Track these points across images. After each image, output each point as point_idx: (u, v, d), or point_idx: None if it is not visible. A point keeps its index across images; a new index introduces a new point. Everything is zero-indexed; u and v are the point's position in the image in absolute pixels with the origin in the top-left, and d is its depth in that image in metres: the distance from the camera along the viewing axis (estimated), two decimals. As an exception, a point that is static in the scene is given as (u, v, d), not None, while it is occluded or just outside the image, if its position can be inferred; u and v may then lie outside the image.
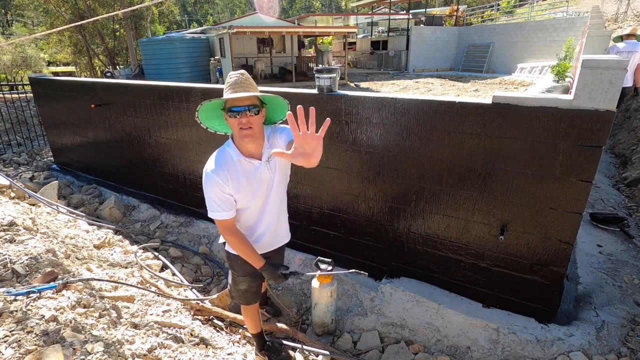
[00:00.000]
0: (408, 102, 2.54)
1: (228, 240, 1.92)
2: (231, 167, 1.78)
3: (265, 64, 16.56)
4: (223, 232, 1.89)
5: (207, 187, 1.78)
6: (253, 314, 2.40)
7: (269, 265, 1.98)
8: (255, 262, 1.95)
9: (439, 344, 2.64)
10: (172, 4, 31.18)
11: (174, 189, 4.45)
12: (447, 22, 20.99)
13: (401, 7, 27.34)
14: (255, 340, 2.52)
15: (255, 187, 1.87)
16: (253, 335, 2.51)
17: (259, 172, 1.85)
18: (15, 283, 2.16)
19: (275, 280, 2.00)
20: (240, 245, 1.91)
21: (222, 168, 1.76)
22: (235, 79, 1.73)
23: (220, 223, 1.86)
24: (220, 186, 1.76)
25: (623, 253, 3.21)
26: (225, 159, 1.79)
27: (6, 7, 36.36)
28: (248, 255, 1.93)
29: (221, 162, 1.78)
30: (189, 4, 55.55)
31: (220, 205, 1.80)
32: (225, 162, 1.78)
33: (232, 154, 1.80)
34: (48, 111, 5.87)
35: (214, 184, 1.75)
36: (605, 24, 9.11)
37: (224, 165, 1.77)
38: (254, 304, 2.34)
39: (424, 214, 2.72)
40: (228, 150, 1.81)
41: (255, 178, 1.86)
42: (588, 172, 2.08)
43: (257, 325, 2.46)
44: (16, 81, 8.83)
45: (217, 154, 1.82)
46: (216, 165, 1.77)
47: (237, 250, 1.94)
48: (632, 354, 2.23)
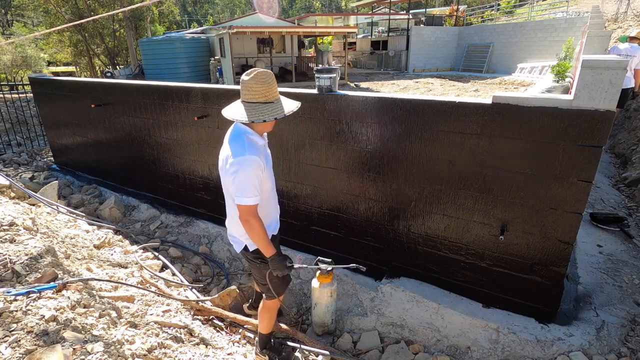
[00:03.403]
0: (408, 102, 2.54)
1: (253, 225, 1.92)
2: (261, 150, 1.96)
3: (265, 64, 16.53)
4: (249, 217, 1.91)
5: (249, 170, 1.85)
6: (276, 310, 2.46)
7: (278, 254, 2.05)
8: (268, 250, 2.02)
9: (439, 344, 2.64)
10: (172, 4, 31.18)
11: (174, 189, 4.45)
12: (447, 22, 20.97)
13: (401, 7, 27.32)
14: (262, 339, 2.50)
15: (271, 167, 2.12)
16: (264, 334, 2.48)
17: (268, 153, 2.10)
18: (15, 283, 2.16)
19: (281, 270, 2.06)
20: (261, 230, 1.96)
21: (259, 151, 1.92)
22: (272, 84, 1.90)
23: (250, 209, 1.90)
24: (261, 168, 1.90)
25: (623, 253, 3.21)
26: (255, 144, 1.94)
27: (6, 7, 36.35)
28: (264, 242, 1.99)
29: (254, 147, 1.91)
30: (189, 4, 55.54)
31: (257, 188, 1.89)
32: (256, 146, 1.93)
33: (257, 140, 1.96)
34: (48, 111, 5.87)
35: (257, 166, 1.87)
36: (605, 24, 9.11)
37: (257, 149, 1.92)
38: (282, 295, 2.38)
39: (424, 214, 2.72)
40: (252, 137, 1.94)
41: (268, 159, 2.08)
42: (588, 172, 2.08)
43: (273, 325, 2.51)
44: (16, 81, 8.83)
45: (245, 141, 1.90)
46: (253, 149, 1.89)
47: (258, 235, 1.97)
48: (632, 354, 2.23)
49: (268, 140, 2.26)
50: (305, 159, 3.17)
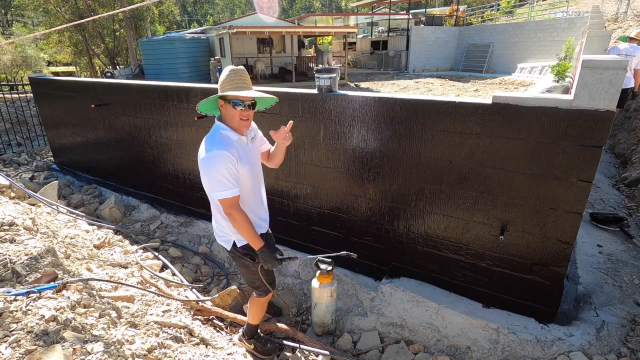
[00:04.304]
0: (408, 102, 2.54)
1: (236, 218, 1.96)
2: (233, 144, 1.98)
3: (265, 64, 16.55)
4: (232, 210, 1.95)
5: (217, 165, 1.89)
6: (265, 304, 2.51)
7: (267, 247, 2.06)
8: (256, 242, 2.04)
9: (439, 344, 2.64)
10: (172, 4, 31.17)
11: (174, 189, 4.45)
12: (447, 22, 20.98)
13: (401, 7, 27.33)
14: (250, 328, 2.58)
15: (251, 162, 2.11)
16: (252, 324, 2.57)
17: (248, 149, 2.10)
18: (15, 283, 2.16)
19: (271, 262, 2.08)
20: (246, 222, 1.99)
21: (228, 145, 1.94)
22: (237, 76, 1.94)
23: (230, 201, 1.94)
24: (232, 161, 1.91)
25: (623, 253, 3.21)
26: (226, 138, 1.97)
27: (6, 7, 36.34)
28: (251, 234, 2.02)
29: (224, 141, 1.95)
30: (189, 4, 55.53)
31: (231, 181, 1.92)
32: (227, 141, 1.96)
33: (229, 135, 1.99)
34: (48, 111, 5.87)
35: (226, 160, 1.89)
36: (605, 24, 9.11)
37: (228, 143, 1.95)
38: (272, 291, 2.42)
39: (424, 214, 2.72)
40: (224, 133, 1.99)
41: (247, 154, 2.07)
42: (588, 172, 2.08)
43: (262, 316, 2.59)
44: (16, 81, 8.82)
45: (215, 137, 1.96)
46: (221, 143, 1.92)
47: (243, 228, 2.00)
48: (632, 354, 2.22)
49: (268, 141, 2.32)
50: (305, 159, 3.17)
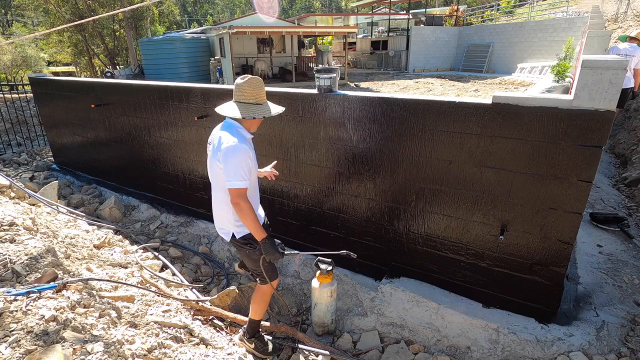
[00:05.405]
0: (408, 102, 2.54)
1: (243, 207, 2.06)
2: (248, 141, 2.19)
3: (265, 64, 16.54)
4: (241, 200, 2.06)
5: (239, 156, 2.04)
6: (270, 296, 2.53)
7: (270, 238, 2.14)
8: (259, 233, 2.13)
9: (439, 344, 2.64)
10: (172, 4, 31.16)
11: (174, 189, 4.45)
12: (447, 22, 20.97)
13: (401, 7, 27.32)
14: (252, 325, 2.57)
15: (255, 161, 2.27)
16: (255, 320, 2.55)
17: (253, 148, 2.26)
18: (15, 283, 2.16)
19: (273, 254, 2.15)
20: (252, 213, 2.09)
21: (246, 141, 2.16)
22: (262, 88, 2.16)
23: (241, 192, 2.07)
24: (249, 154, 2.11)
25: (623, 253, 3.20)
26: (243, 135, 2.17)
27: (6, 7, 36.33)
28: (255, 224, 2.11)
29: (242, 137, 2.14)
30: (189, 4, 55.53)
31: (247, 173, 2.07)
32: (244, 137, 2.16)
33: (244, 133, 2.19)
34: (48, 111, 5.87)
35: (246, 152, 2.07)
36: (605, 24, 9.10)
37: (245, 139, 2.16)
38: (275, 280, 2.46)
39: (424, 214, 2.72)
40: (240, 131, 2.17)
41: (254, 153, 2.25)
42: (588, 172, 2.08)
43: (264, 312, 2.59)
44: (16, 81, 8.82)
45: (234, 133, 2.12)
46: (241, 138, 2.12)
47: (249, 218, 2.08)
48: (632, 354, 2.22)
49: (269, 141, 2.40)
50: (305, 159, 3.17)
